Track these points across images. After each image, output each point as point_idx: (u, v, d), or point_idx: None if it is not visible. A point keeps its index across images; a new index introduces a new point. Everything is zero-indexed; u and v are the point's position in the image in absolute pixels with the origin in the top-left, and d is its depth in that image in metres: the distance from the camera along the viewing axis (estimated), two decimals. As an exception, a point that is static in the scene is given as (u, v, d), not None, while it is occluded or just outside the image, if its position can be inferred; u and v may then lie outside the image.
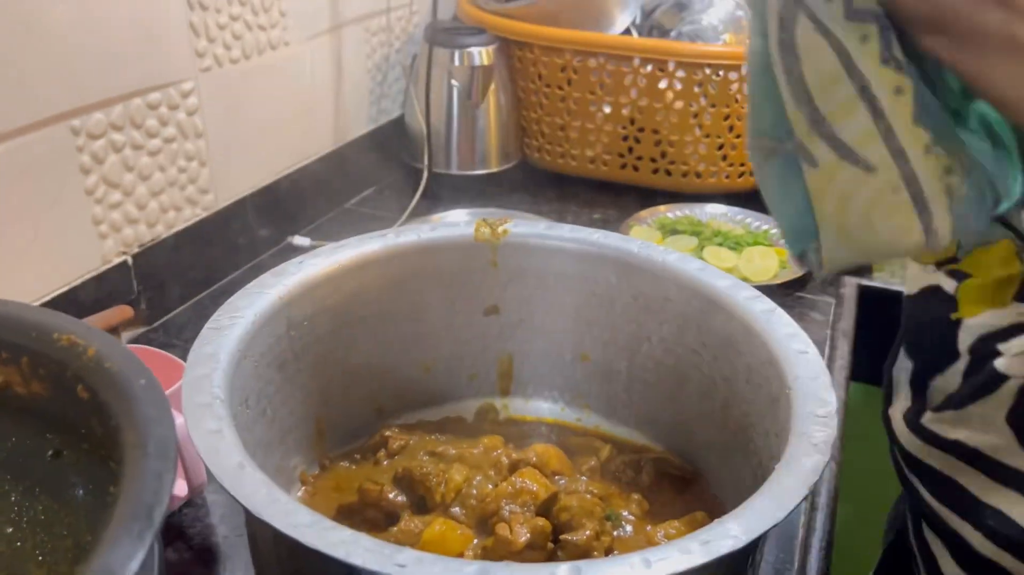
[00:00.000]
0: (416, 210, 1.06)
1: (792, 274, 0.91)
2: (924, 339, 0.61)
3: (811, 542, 0.63)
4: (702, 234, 1.00)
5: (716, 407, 0.59)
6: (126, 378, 0.31)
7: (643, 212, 1.04)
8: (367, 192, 1.15)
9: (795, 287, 0.92)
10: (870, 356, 0.81)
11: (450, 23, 1.17)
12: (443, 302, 0.65)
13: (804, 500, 0.41)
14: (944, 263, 0.57)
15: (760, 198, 0.43)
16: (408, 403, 0.67)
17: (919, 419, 0.58)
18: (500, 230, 0.64)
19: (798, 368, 0.50)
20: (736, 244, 0.98)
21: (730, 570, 0.43)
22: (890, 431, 0.62)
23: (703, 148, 1.10)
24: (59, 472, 0.34)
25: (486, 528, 0.52)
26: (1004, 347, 0.52)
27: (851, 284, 0.93)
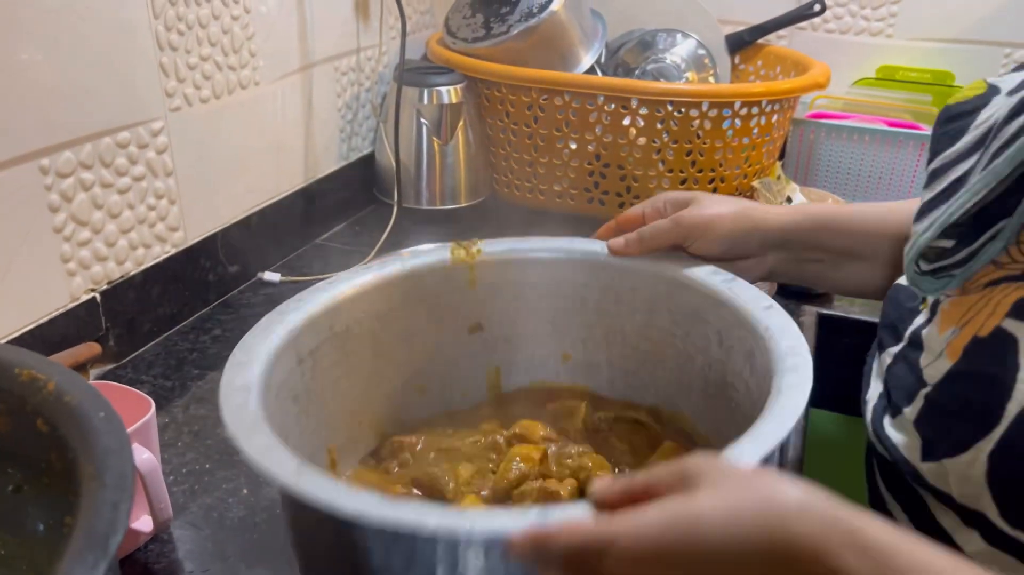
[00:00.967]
0: (386, 245, 1.07)
1: None
2: None
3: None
4: None
5: (695, 376, 0.64)
6: (85, 412, 0.32)
7: (609, 245, 1.06)
8: (338, 227, 1.16)
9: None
10: (829, 383, 0.83)
11: (419, 63, 1.20)
12: (430, 324, 0.69)
13: (803, 417, 0.45)
14: None
15: None
16: (408, 425, 0.69)
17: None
18: (474, 250, 0.68)
19: (768, 319, 0.55)
20: None
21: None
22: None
23: (666, 183, 1.12)
24: (20, 507, 0.35)
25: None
26: None
27: (811, 312, 0.95)
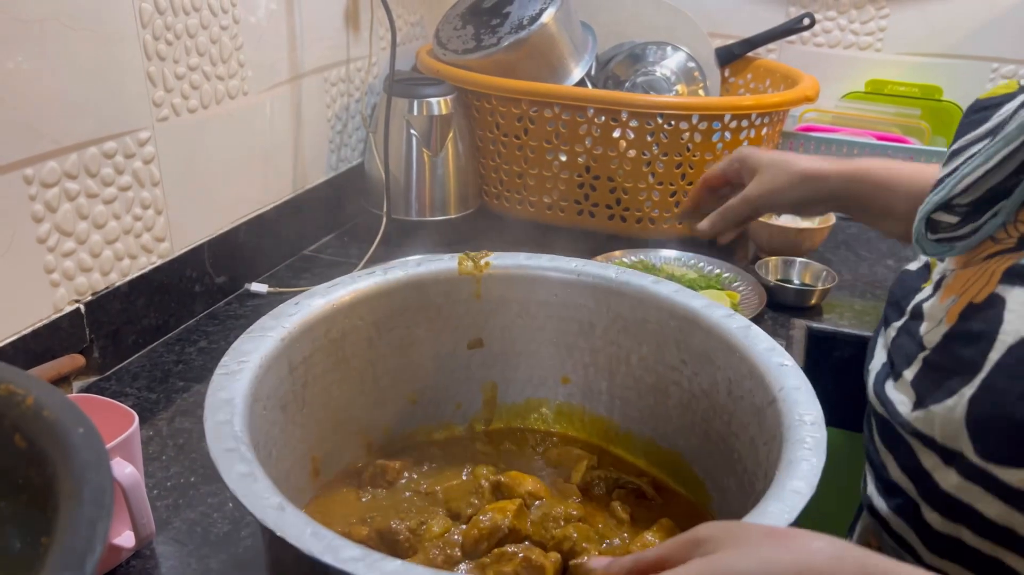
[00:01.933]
0: (375, 256, 1.06)
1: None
2: None
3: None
4: None
5: (697, 419, 0.62)
6: (64, 427, 0.31)
7: (598, 257, 1.06)
8: (327, 238, 1.16)
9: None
10: (820, 397, 0.82)
11: (409, 74, 1.20)
12: (429, 334, 0.68)
13: (809, 501, 0.43)
14: None
15: (711, 244, 0.46)
16: (396, 435, 0.69)
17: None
18: (482, 263, 0.67)
19: (783, 379, 0.53)
20: (689, 287, 0.99)
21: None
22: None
23: (656, 195, 1.12)
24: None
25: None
26: None
27: (800, 326, 0.95)
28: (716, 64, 1.32)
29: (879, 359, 0.64)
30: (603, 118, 1.09)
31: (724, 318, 0.60)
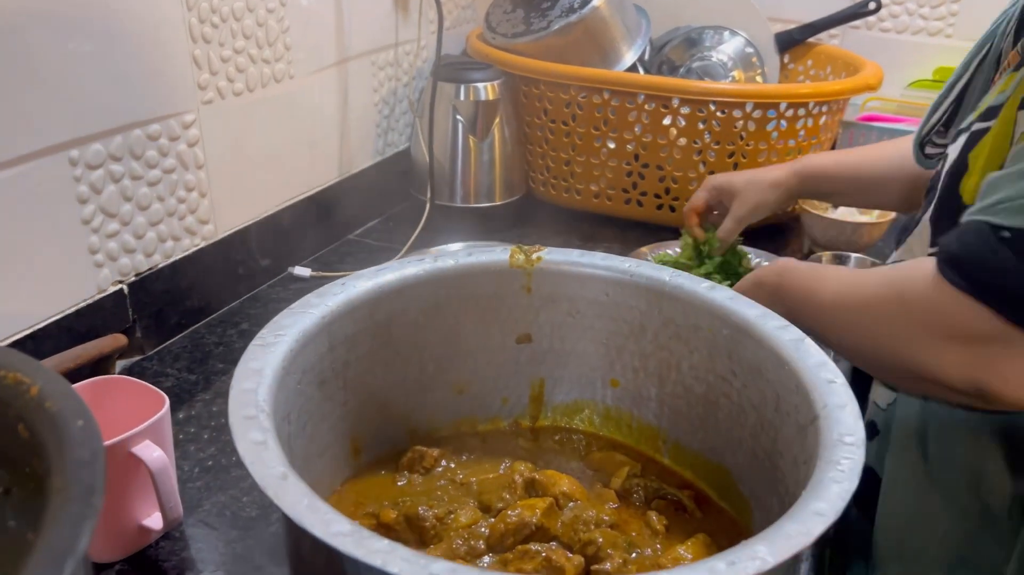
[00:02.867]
0: (417, 242, 1.06)
1: None
2: None
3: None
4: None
5: (746, 434, 0.59)
6: (64, 419, 0.31)
7: (644, 248, 1.03)
8: (371, 223, 1.16)
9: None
10: (871, 401, 0.79)
11: (458, 58, 1.18)
12: (478, 326, 0.67)
13: (831, 526, 0.40)
14: None
15: (761, 236, 0.44)
16: (440, 424, 0.68)
17: None
18: (534, 256, 0.66)
19: (827, 397, 0.50)
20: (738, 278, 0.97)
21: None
22: None
23: (707, 185, 1.09)
24: (3, 511, 0.34)
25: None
26: None
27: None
28: (775, 50, 1.27)
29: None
30: (653, 105, 1.06)
31: (778, 329, 0.57)
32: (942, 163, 0.62)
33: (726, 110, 1.04)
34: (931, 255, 0.55)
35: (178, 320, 0.87)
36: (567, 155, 1.14)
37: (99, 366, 0.77)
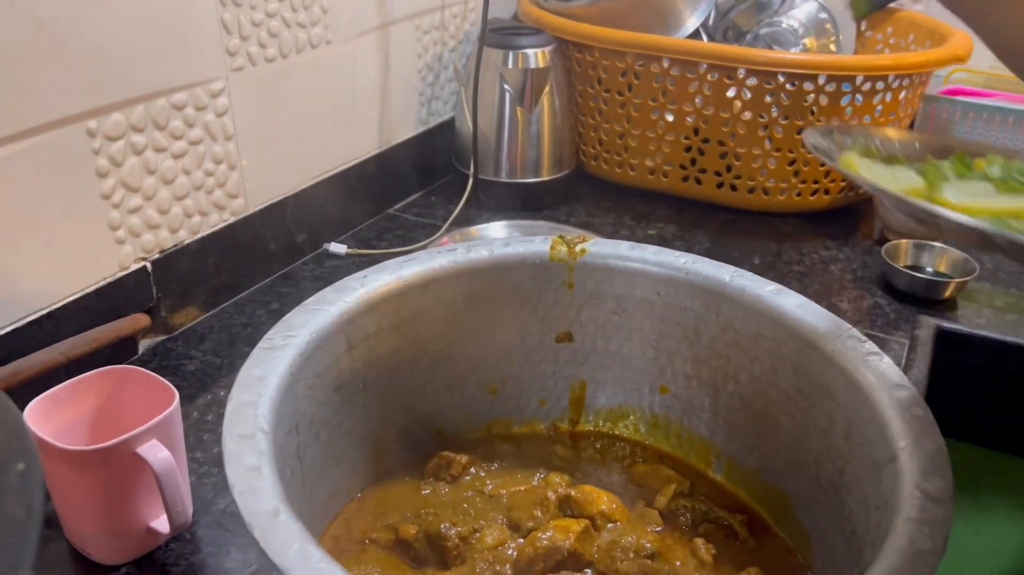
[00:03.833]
0: (459, 218, 1.00)
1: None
2: None
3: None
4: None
5: (808, 460, 0.53)
6: (3, 462, 0.26)
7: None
8: (413, 197, 1.10)
9: (864, 325, 0.83)
10: (946, 410, 0.72)
11: (507, 22, 1.11)
12: (514, 322, 0.62)
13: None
14: None
15: (825, 219, 0.36)
16: (471, 426, 0.64)
17: None
18: (578, 249, 0.61)
19: (910, 433, 0.43)
20: None
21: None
22: None
23: (772, 163, 1.01)
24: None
25: None
26: None
27: (928, 325, 0.83)
28: (852, 15, 1.17)
29: None
30: (716, 75, 0.98)
31: (853, 344, 0.50)
32: None
33: (796, 82, 0.96)
34: None
35: (205, 299, 0.83)
36: (622, 128, 1.07)
37: (122, 346, 0.74)
